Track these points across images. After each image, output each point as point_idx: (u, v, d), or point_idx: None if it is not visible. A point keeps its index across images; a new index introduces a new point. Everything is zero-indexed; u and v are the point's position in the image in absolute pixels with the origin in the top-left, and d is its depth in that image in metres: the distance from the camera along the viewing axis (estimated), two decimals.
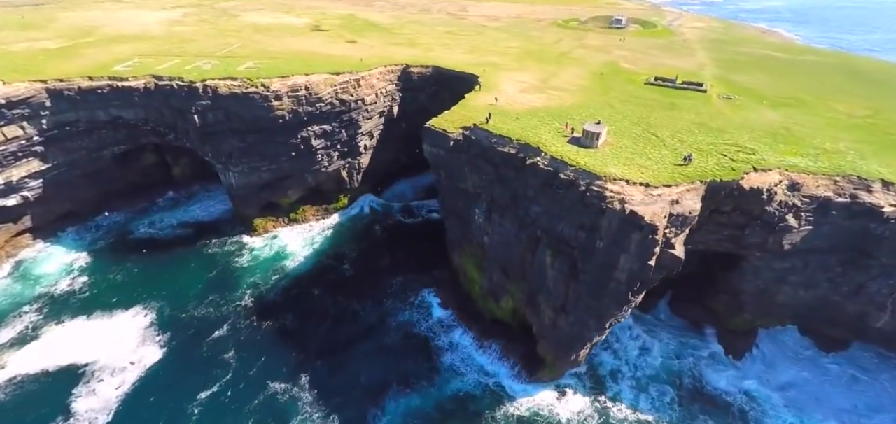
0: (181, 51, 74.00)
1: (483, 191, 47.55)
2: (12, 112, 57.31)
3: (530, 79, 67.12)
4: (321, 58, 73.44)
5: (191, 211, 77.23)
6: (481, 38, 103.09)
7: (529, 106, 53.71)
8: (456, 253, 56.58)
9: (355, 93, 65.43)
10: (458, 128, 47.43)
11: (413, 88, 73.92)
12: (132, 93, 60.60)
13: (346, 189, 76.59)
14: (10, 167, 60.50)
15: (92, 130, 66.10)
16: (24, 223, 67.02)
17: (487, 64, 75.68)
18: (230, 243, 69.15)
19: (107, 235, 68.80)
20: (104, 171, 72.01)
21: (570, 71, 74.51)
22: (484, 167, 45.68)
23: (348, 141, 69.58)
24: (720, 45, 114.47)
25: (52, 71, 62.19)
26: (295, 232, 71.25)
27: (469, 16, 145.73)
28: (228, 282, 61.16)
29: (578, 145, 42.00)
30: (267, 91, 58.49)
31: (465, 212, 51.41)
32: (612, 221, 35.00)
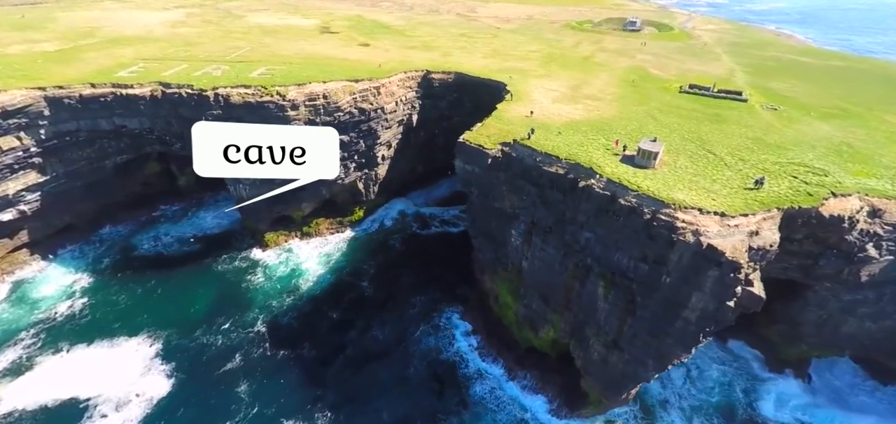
0: (188, 55, 69.85)
1: (522, 213, 43.65)
2: (8, 122, 53.10)
3: (560, 87, 63.21)
4: (337, 63, 69.40)
5: (198, 223, 73.16)
6: (498, 41, 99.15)
7: (568, 118, 49.80)
8: (486, 275, 52.68)
9: (375, 101, 61.42)
10: (496, 144, 43.48)
11: (433, 96, 69.95)
12: (137, 101, 56.46)
13: (362, 201, 72.59)
14: (6, 180, 56.26)
15: (93, 140, 61.94)
16: (21, 238, 62.86)
17: (511, 70, 71.74)
18: (241, 259, 65.11)
19: (109, 252, 64.62)
20: (105, 182, 67.84)
21: (599, 77, 70.61)
22: (525, 187, 41.78)
23: (366, 151, 65.58)
24: (742, 48, 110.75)
25: (52, 77, 58.02)
26: (310, 247, 67.20)
27: (480, 17, 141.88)
28: (240, 305, 57.09)
29: (633, 165, 38.11)
30: (282, 100, 54.44)
31: (500, 233, 47.50)
32: (683, 255, 31.14)
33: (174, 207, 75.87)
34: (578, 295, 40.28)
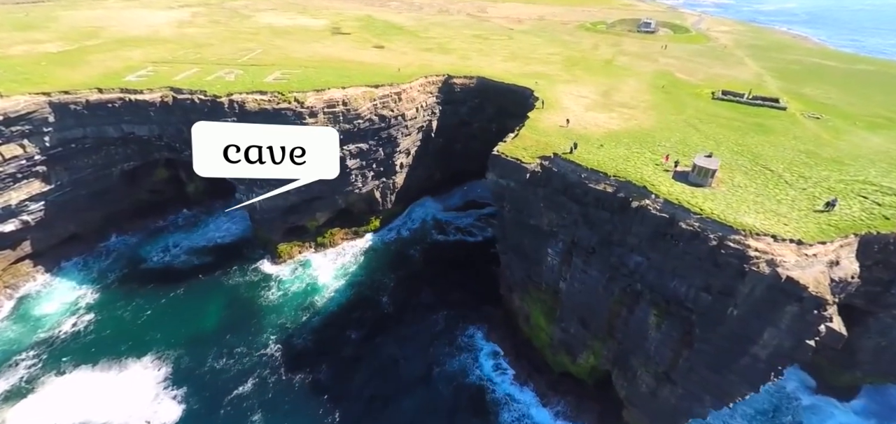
0: (198, 57, 66.90)
1: (561, 231, 40.71)
2: (11, 129, 50.19)
3: (590, 94, 60.20)
4: (354, 67, 66.44)
5: (208, 232, 70.24)
6: (514, 43, 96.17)
7: (606, 129, 46.83)
8: (516, 293, 49.76)
9: (396, 107, 58.47)
10: (534, 158, 40.49)
11: (454, 101, 67.01)
12: (147, 107, 53.48)
13: (378, 210, 69.67)
14: (9, 190, 53.38)
15: (99, 147, 59.03)
16: (24, 249, 59.95)
17: (535, 74, 68.76)
18: (253, 272, 62.14)
19: (115, 265, 61.65)
20: (112, 190, 64.98)
21: (628, 83, 67.61)
22: (566, 204, 38.83)
23: (385, 159, 62.66)
24: (762, 51, 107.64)
25: (57, 81, 55.10)
26: (325, 260, 64.18)
27: (491, 17, 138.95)
28: (252, 323, 54.08)
29: (687, 183, 35.18)
30: (301, 106, 51.49)
31: (534, 250, 44.57)
32: (755, 287, 28.22)
33: (183, 215, 72.99)
34: (625, 322, 37.37)
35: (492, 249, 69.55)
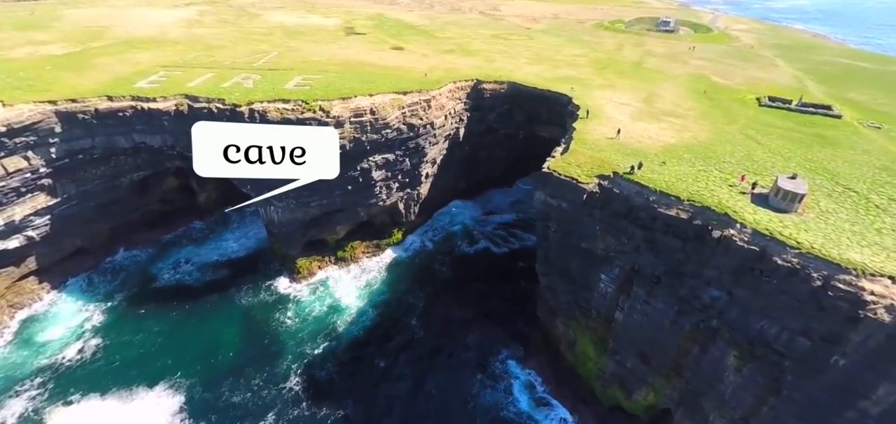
0: (211, 61, 63.14)
1: (618, 257, 37.08)
2: (14, 140, 46.52)
3: (631, 101, 56.43)
4: (376, 71, 62.65)
5: (221, 244, 66.56)
6: (536, 44, 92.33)
7: (661, 142, 43.10)
8: (559, 318, 46.15)
9: (425, 116, 54.74)
10: (591, 177, 36.77)
11: (482, 107, 63.26)
12: (161, 116, 49.77)
13: (401, 222, 66.03)
14: (12, 204, 49.73)
15: (108, 157, 55.41)
16: (28, 265, 56.29)
17: (566, 79, 65.00)
18: (270, 291, 58.28)
19: (124, 284, 57.85)
20: (120, 201, 61.34)
21: (666, 88, 63.82)
22: (628, 229, 35.19)
23: (411, 170, 58.97)
24: (789, 51, 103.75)
25: (63, 88, 51.40)
26: (346, 277, 60.44)
27: (505, 16, 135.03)
28: (271, 351, 50.07)
29: (770, 207, 31.52)
30: (326, 116, 47.73)
31: (583, 275, 40.95)
32: (872, 336, 24.62)
33: (194, 226, 69.34)
34: (696, 360, 33.78)
35: (520, 263, 66.23)
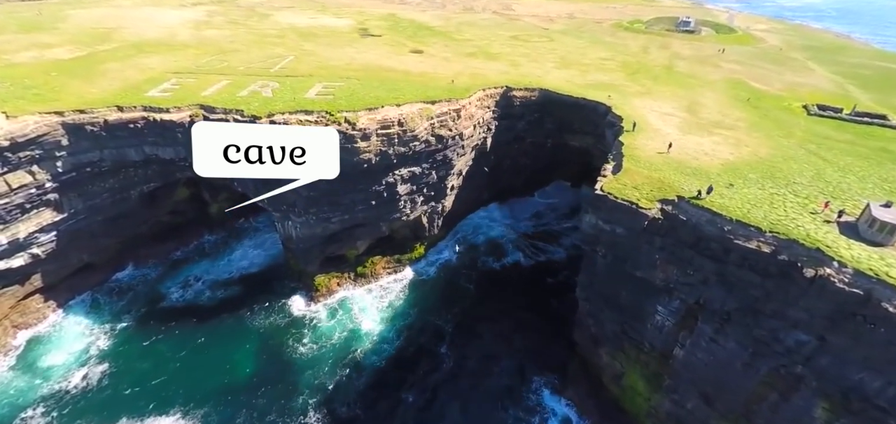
0: (225, 67, 59.87)
1: (680, 289, 33.73)
2: (19, 155, 43.41)
3: (673, 110, 52.91)
4: (399, 77, 59.24)
5: (234, 260, 63.34)
6: (558, 46, 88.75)
7: (719, 158, 39.61)
8: (603, 348, 42.80)
9: (454, 126, 51.37)
10: (653, 202, 33.37)
11: (512, 115, 59.83)
12: (174, 128, 46.56)
13: (424, 236, 62.74)
14: (17, 222, 46.69)
15: (118, 169, 52.32)
16: (34, 283, 53.25)
17: (599, 85, 61.52)
18: (285, 313, 54.65)
19: (132, 304, 54.61)
20: (129, 214, 58.17)
21: (706, 95, 60.24)
22: (695, 260, 31.82)
23: (437, 183, 55.64)
24: (819, 53, 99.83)
25: (70, 97, 48.25)
26: (367, 297, 56.98)
27: (520, 16, 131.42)
28: (287, 382, 46.54)
29: (862, 240, 28.08)
30: (352, 128, 44.40)
31: (635, 304, 37.62)
32: None
33: (206, 240, 66.19)
34: (774, 408, 30.41)
35: (548, 278, 62.93)
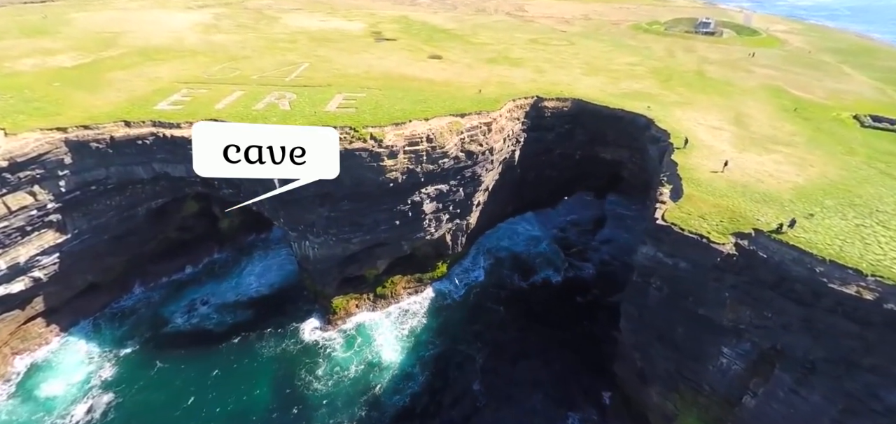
0: (238, 76, 56.43)
1: (753, 331, 30.14)
2: (18, 175, 40.13)
3: (720, 122, 49.19)
4: (423, 86, 55.69)
5: (242, 280, 59.58)
6: (581, 50, 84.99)
7: (789, 182, 35.92)
8: (654, 387, 39.17)
9: (484, 141, 47.84)
10: (725, 234, 29.78)
11: (542, 127, 56.28)
12: (186, 144, 43.07)
13: (447, 254, 59.27)
14: (16, 245, 43.47)
15: (124, 186, 49.12)
16: (35, 307, 50.08)
17: (634, 94, 57.89)
18: (298, 339, 50.63)
19: (134, 329, 51.05)
20: (136, 231, 55.00)
21: (748, 105, 56.51)
22: (775, 302, 28.23)
23: (463, 200, 52.15)
24: (850, 56, 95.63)
25: (74, 110, 44.91)
26: (388, 323, 53.32)
27: (534, 17, 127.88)
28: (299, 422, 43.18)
29: None
30: (378, 146, 40.91)
31: (694, 343, 34.05)
32: None
33: (214, 258, 62.78)
34: None
35: (578, 297, 59.36)
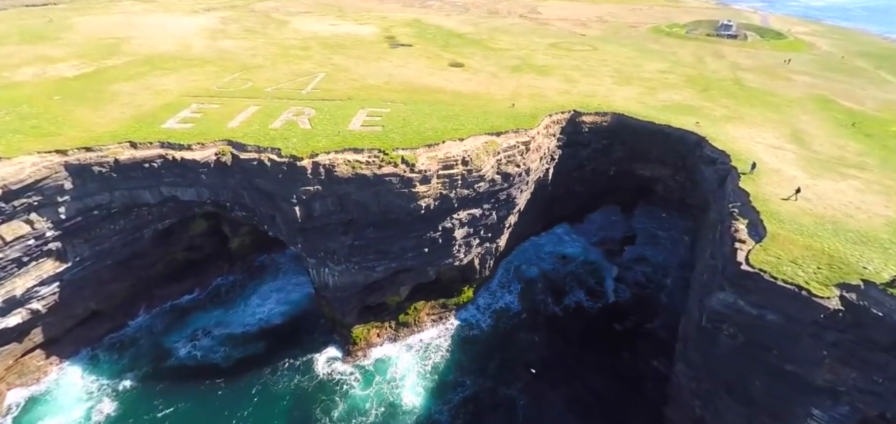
0: (251, 89, 52.49)
1: (856, 395, 26.10)
2: (13, 204, 36.37)
3: (780, 141, 45.00)
4: (449, 99, 51.66)
5: (253, 308, 54.79)
6: (606, 56, 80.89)
7: (879, 215, 31.82)
8: None
9: (522, 162, 43.82)
10: (826, 285, 25.70)
11: (577, 143, 52.22)
12: (198, 168, 39.22)
13: (473, 278, 55.29)
14: (12, 278, 39.68)
15: (130, 209, 45.36)
16: (33, 339, 46.39)
17: (674, 106, 53.88)
18: (312, 375, 46.42)
19: (134, 361, 47.13)
20: (141, 255, 51.25)
21: (800, 118, 52.39)
22: (891, 366, 24.18)
23: (496, 223, 48.17)
24: (885, 62, 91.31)
25: (74, 130, 41.07)
26: (409, 358, 48.70)
27: (549, 20, 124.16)
28: None
29: None
30: (410, 171, 36.94)
31: (776, 401, 30.04)
32: None
33: (221, 282, 58.69)
34: None
35: (616, 325, 55.25)
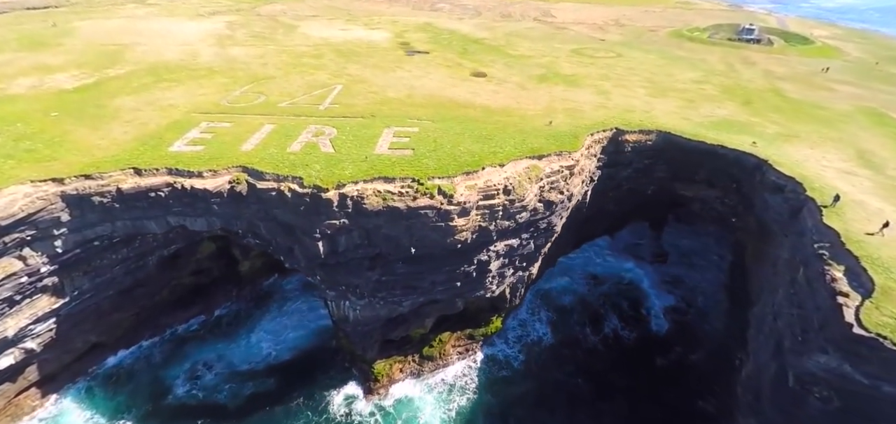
0: (265, 104, 48.40)
1: None
2: (4, 240, 32.38)
3: (844, 163, 40.88)
4: (479, 115, 47.39)
5: (260, 341, 50.36)
6: (631, 63, 76.58)
7: None
8: None
9: (565, 187, 39.78)
10: None
11: (618, 163, 48.07)
12: (209, 198, 35.13)
13: (503, 308, 51.26)
14: (3, 318, 35.77)
15: (133, 238, 41.50)
16: (28, 377, 42.66)
17: (722, 122, 49.76)
18: (329, 414, 43.04)
19: (132, 398, 43.20)
20: (146, 283, 47.49)
21: (859, 136, 48.25)
22: None
23: (533, 252, 44.11)
24: None
25: (71, 153, 36.99)
26: (432, 398, 44.42)
27: (564, 24, 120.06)
28: None
29: None
30: (448, 203, 32.94)
31: None
32: None
33: (228, 308, 54.70)
34: None
35: (658, 359, 51.18)
